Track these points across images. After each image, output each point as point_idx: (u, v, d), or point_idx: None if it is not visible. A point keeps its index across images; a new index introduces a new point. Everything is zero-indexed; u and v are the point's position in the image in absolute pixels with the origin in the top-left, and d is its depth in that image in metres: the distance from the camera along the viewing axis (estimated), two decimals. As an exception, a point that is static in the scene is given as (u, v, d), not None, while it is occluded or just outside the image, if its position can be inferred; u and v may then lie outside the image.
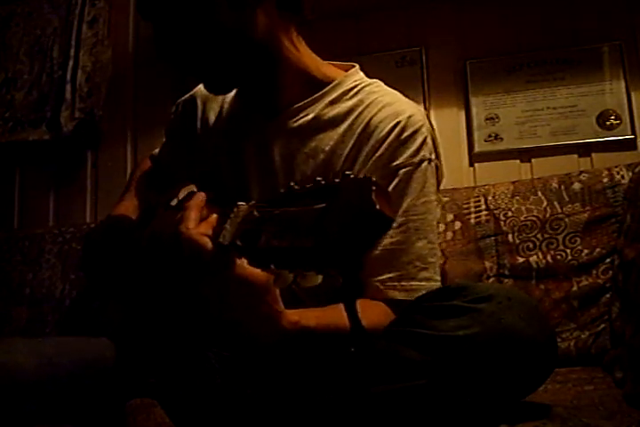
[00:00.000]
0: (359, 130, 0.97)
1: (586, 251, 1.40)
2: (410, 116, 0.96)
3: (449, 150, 1.85)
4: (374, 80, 1.05)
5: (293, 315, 0.75)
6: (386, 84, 1.05)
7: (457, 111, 1.87)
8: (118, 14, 2.22)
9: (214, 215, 0.71)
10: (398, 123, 0.95)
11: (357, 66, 1.06)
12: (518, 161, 1.80)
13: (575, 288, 1.38)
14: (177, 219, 0.74)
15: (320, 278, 0.65)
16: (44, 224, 2.12)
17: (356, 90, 1.01)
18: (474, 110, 1.85)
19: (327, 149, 0.97)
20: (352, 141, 0.97)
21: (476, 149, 1.83)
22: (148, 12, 0.95)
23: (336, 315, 0.76)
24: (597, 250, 1.39)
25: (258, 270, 0.68)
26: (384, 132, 0.95)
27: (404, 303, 0.88)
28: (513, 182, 1.56)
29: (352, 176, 0.52)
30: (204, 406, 0.87)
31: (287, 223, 0.54)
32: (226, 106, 1.08)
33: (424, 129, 0.96)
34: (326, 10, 1.83)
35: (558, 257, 1.42)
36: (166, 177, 1.23)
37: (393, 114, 0.96)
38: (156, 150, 1.28)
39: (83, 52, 2.14)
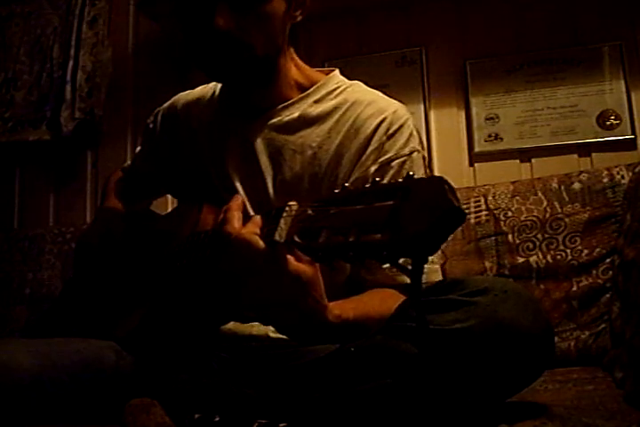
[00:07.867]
0: (346, 127, 1.00)
1: (586, 251, 1.40)
2: (394, 112, 1.01)
3: (449, 150, 1.86)
4: (355, 82, 1.09)
5: (335, 309, 0.77)
6: (386, 84, 1.06)
7: (457, 111, 1.87)
8: (118, 14, 2.22)
9: (257, 216, 0.73)
10: (385, 119, 1.00)
11: (337, 70, 1.10)
12: (518, 161, 1.80)
13: (575, 288, 1.38)
14: (217, 220, 0.75)
15: None
16: (44, 224, 2.12)
17: (339, 90, 1.05)
18: (474, 110, 1.85)
19: (314, 144, 1.01)
20: (339, 138, 1.00)
21: (476, 149, 1.83)
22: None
23: (367, 305, 0.85)
24: (597, 250, 1.39)
25: (306, 266, 0.71)
26: (371, 129, 0.99)
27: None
28: (513, 182, 1.56)
29: (416, 176, 0.54)
30: (204, 405, 0.87)
31: (351, 220, 0.56)
32: (207, 110, 1.10)
33: (409, 122, 1.01)
34: (326, 10, 1.83)
35: (558, 257, 1.42)
36: (141, 187, 1.25)
37: (378, 111, 1.01)
38: (127, 163, 1.30)
39: (83, 52, 2.14)
